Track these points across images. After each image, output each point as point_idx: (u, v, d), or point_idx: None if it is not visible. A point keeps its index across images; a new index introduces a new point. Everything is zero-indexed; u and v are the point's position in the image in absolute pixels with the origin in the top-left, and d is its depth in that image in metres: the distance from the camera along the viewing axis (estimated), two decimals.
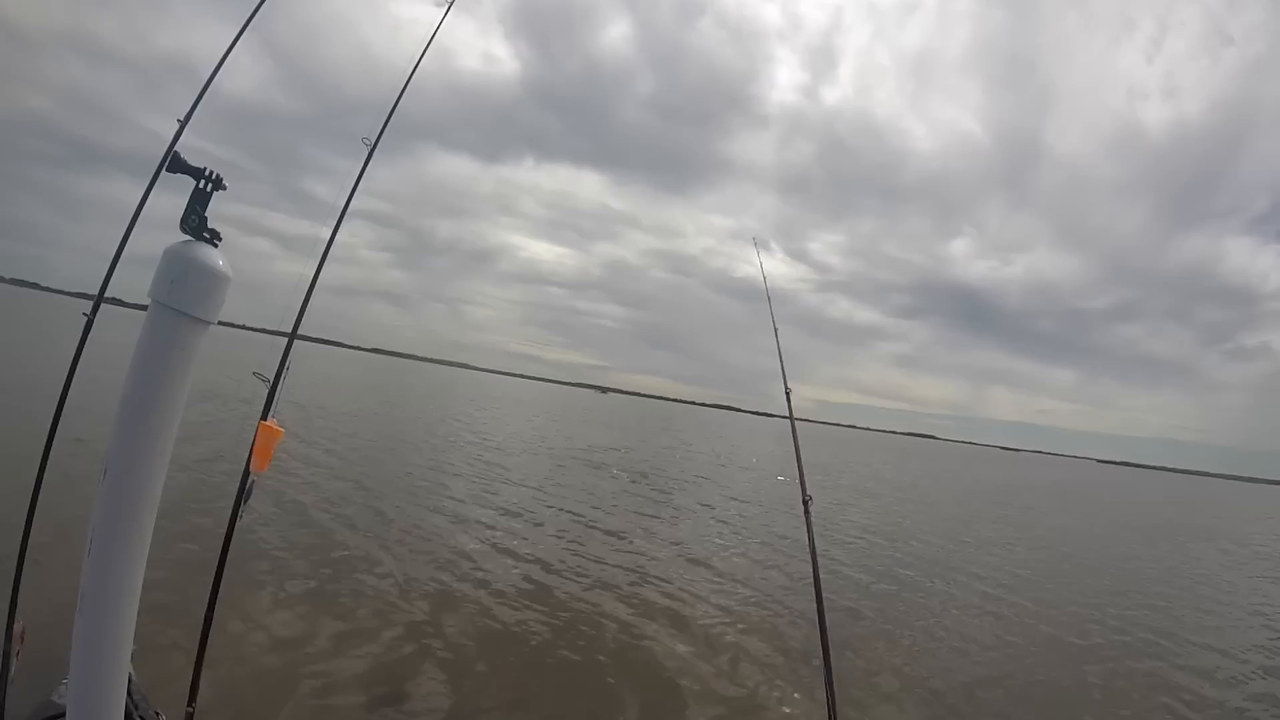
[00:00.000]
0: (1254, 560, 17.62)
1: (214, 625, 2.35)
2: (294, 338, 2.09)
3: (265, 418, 1.81)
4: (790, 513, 14.56)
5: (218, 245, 1.28)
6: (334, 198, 2.35)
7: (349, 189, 2.08)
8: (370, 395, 34.29)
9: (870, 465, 37.60)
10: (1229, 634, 9.26)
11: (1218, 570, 15.14)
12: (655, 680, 5.29)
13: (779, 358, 3.14)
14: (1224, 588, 12.96)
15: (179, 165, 1.33)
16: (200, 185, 1.32)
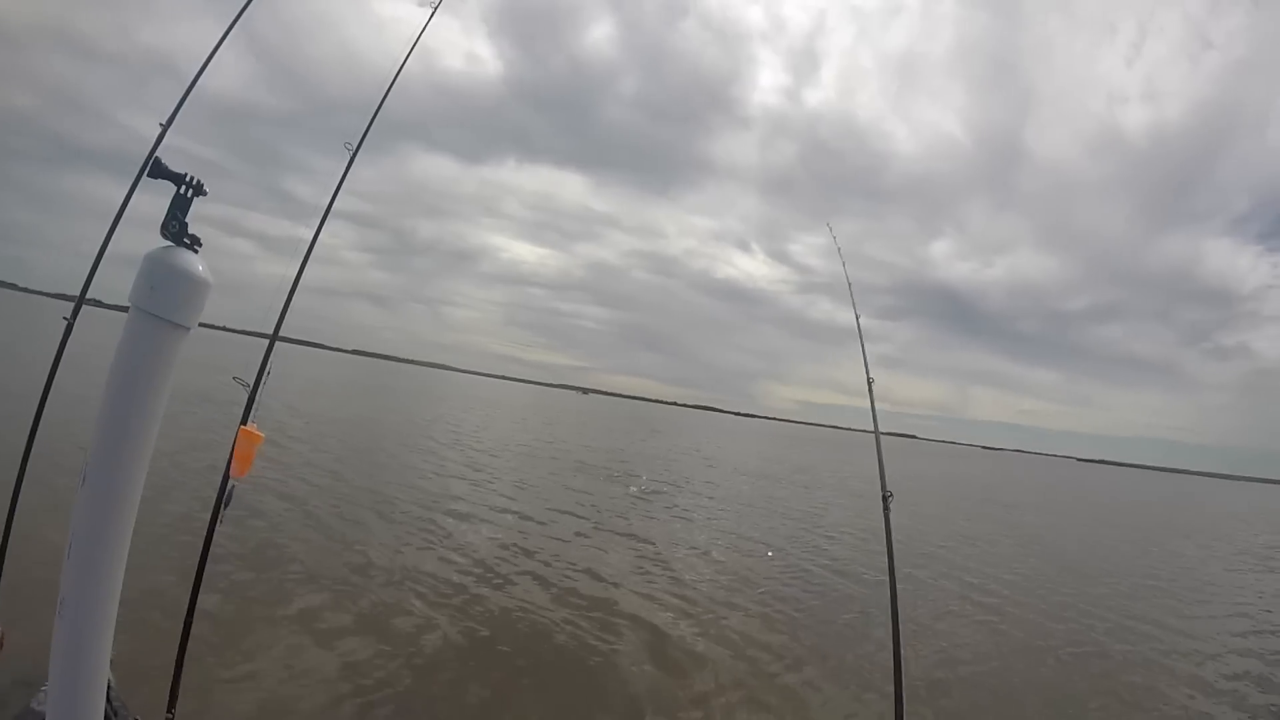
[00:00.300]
0: (1234, 555, 17.97)
1: (194, 631, 2.34)
2: (275, 340, 2.08)
3: (245, 422, 1.80)
4: (773, 512, 14.65)
5: (198, 251, 1.29)
6: (316, 198, 2.34)
7: (331, 192, 2.07)
8: (353, 399, 34.02)
9: (853, 465, 37.88)
10: (1208, 623, 9.59)
11: (1196, 564, 15.44)
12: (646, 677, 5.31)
13: (859, 343, 3.24)
14: (1203, 580, 13.28)
15: (160, 171, 1.34)
16: (181, 191, 1.33)
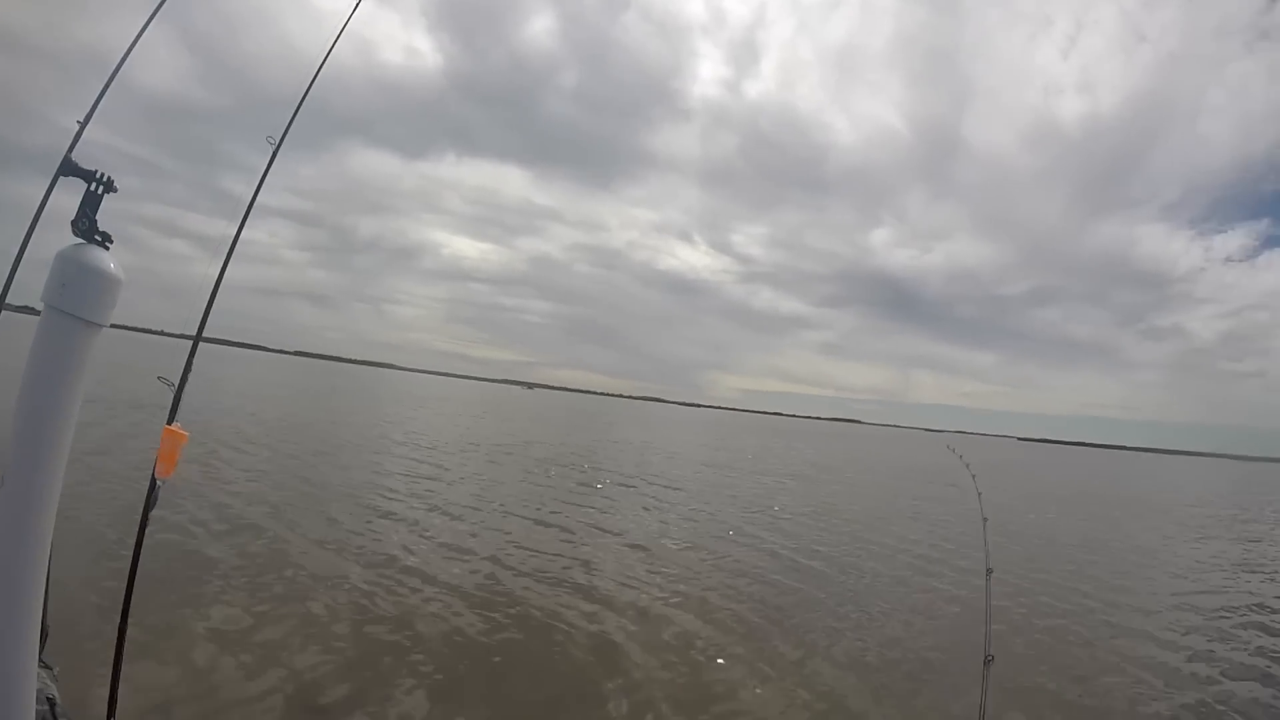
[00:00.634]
0: (1170, 525, 19.14)
1: (130, 636, 2.30)
2: (198, 341, 2.06)
3: (170, 422, 1.79)
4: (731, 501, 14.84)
5: (109, 248, 1.29)
6: (248, 197, 2.30)
7: (254, 188, 2.05)
8: (297, 400, 33.17)
9: (797, 449, 38.74)
10: (1147, 586, 10.37)
11: (1136, 533, 16.44)
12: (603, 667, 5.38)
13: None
14: (1138, 548, 14.10)
15: (70, 168, 1.34)
16: (91, 188, 1.33)
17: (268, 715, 4.13)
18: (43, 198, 2.54)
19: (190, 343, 1.97)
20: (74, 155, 1.45)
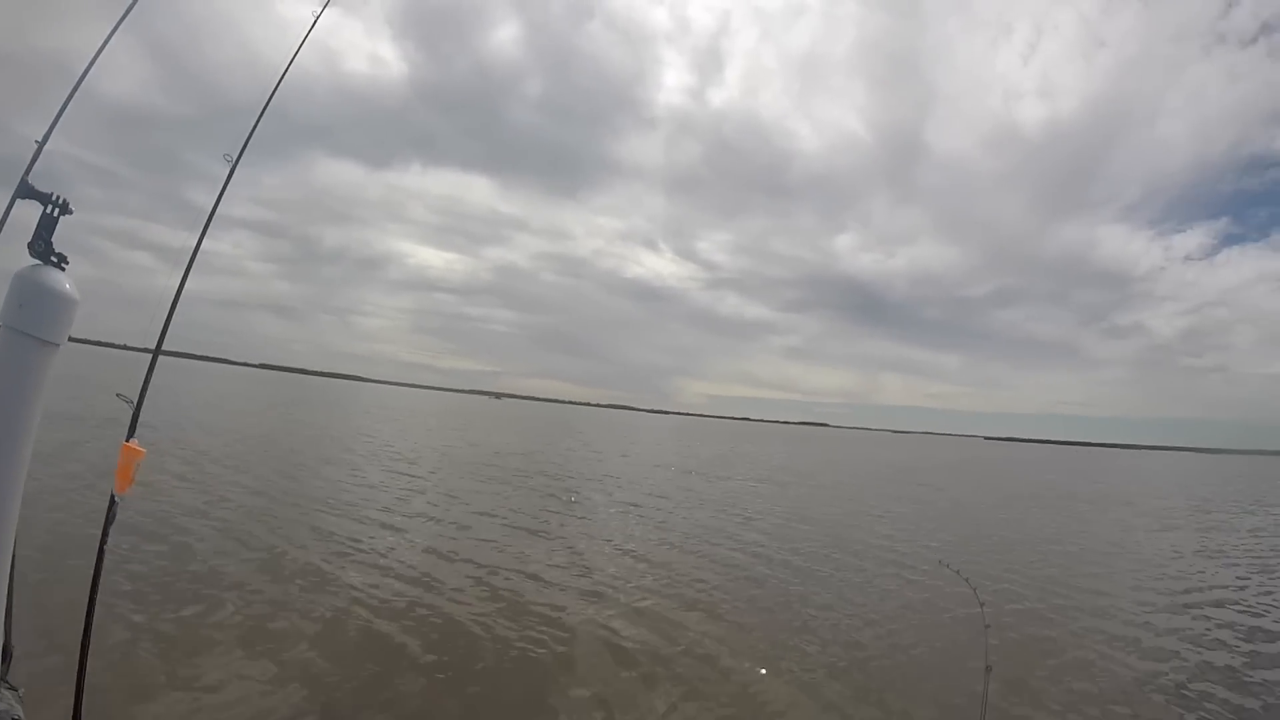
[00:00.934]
0: (1135, 517, 19.65)
1: (94, 652, 2.29)
2: (157, 355, 2.07)
3: (129, 439, 1.80)
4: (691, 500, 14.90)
5: (65, 269, 1.33)
6: (209, 207, 2.28)
7: (212, 203, 2.06)
8: (263, 414, 32.59)
9: (766, 454, 39.02)
10: (1116, 576, 10.76)
11: (1104, 528, 16.82)
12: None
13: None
14: (1105, 539, 14.57)
15: (27, 190, 1.36)
16: (47, 210, 1.36)
17: None
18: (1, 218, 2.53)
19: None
20: (34, 170, 1.47)
